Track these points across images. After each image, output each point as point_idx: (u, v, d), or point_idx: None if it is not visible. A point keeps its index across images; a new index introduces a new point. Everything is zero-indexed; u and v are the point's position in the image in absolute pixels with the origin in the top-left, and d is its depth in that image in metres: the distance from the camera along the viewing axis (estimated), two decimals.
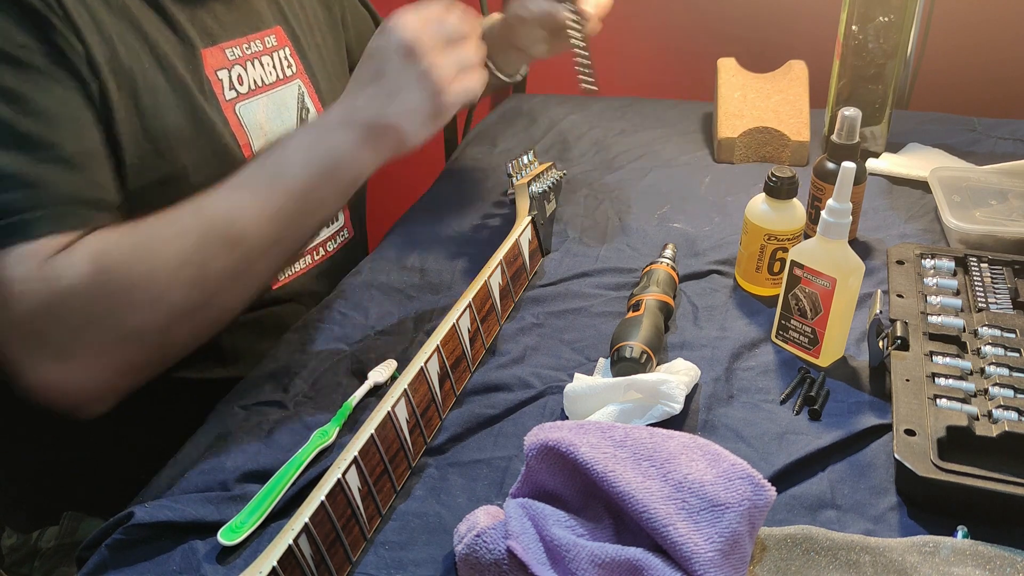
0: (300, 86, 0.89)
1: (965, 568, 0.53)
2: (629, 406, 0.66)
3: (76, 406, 0.64)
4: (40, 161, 0.63)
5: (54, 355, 0.62)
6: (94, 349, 0.62)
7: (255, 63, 0.83)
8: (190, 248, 0.64)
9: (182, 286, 0.63)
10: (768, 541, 0.56)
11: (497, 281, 0.79)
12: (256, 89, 0.83)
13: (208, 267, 0.64)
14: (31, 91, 0.63)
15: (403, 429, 0.62)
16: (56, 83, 0.65)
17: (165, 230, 0.64)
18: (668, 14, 1.55)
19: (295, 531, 0.50)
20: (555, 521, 0.53)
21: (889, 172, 1.08)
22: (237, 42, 0.82)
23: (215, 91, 0.78)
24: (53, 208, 0.62)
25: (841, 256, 0.70)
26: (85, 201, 0.65)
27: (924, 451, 0.60)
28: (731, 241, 0.93)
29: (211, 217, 0.65)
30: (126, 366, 0.64)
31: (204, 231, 0.64)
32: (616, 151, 1.19)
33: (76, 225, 0.63)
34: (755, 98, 1.18)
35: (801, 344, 0.74)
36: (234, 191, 0.66)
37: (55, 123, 0.64)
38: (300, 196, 0.68)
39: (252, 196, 0.66)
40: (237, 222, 0.65)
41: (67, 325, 0.61)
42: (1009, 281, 0.79)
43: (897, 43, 1.04)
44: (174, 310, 0.64)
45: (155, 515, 0.58)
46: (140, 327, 0.63)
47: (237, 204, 0.66)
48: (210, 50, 0.79)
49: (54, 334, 0.61)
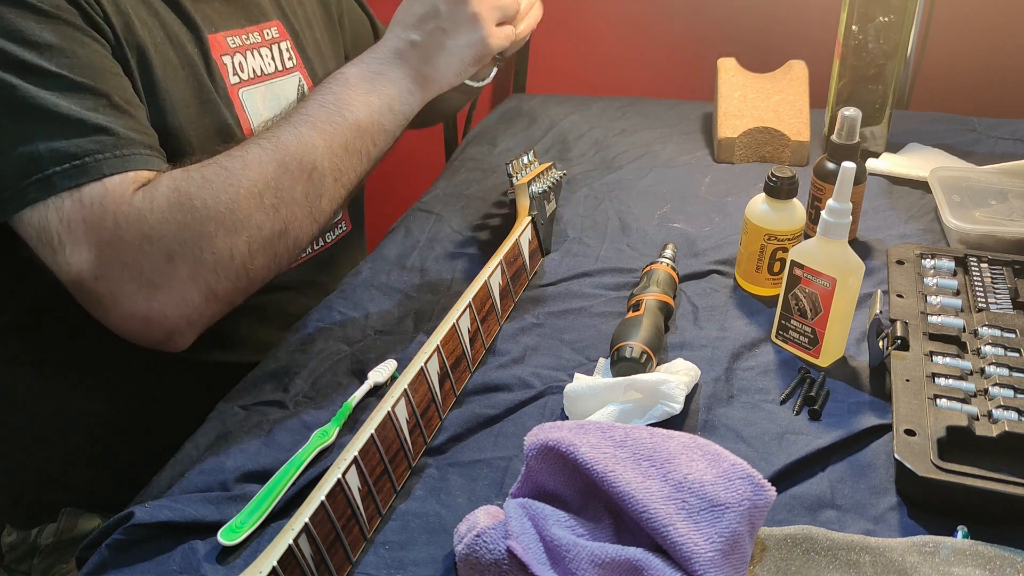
0: (300, 79, 0.91)
1: (965, 568, 0.53)
2: (629, 406, 0.66)
3: (165, 337, 0.67)
4: (96, 108, 0.65)
5: (145, 285, 0.64)
6: (183, 277, 0.65)
7: (255, 53, 0.86)
8: (269, 175, 0.68)
9: (263, 212, 0.67)
10: (768, 541, 0.56)
11: (497, 281, 0.79)
12: (256, 77, 0.85)
13: (285, 194, 0.68)
14: (72, 46, 0.66)
15: (403, 429, 0.62)
16: (92, 40, 0.68)
17: (242, 161, 0.68)
18: (668, 14, 1.55)
19: (295, 531, 0.50)
20: (555, 521, 0.53)
21: (889, 172, 1.08)
22: (237, 32, 0.84)
23: (222, 74, 0.81)
24: (122, 150, 0.65)
25: (841, 256, 0.70)
26: (145, 144, 0.68)
27: (924, 451, 0.60)
28: (731, 241, 0.93)
29: (286, 147, 0.69)
30: (212, 294, 0.67)
31: (281, 159, 0.68)
32: (616, 151, 1.19)
33: (144, 165, 0.66)
34: (755, 98, 1.18)
35: (801, 344, 0.74)
36: (302, 125, 0.71)
37: (101, 74, 0.67)
38: (360, 130, 0.73)
39: (320, 129, 0.71)
40: (310, 152, 0.70)
41: (157, 255, 0.64)
42: (1009, 281, 0.79)
43: (897, 43, 1.04)
44: (256, 236, 0.67)
45: (155, 515, 0.58)
46: (225, 253, 0.66)
47: (308, 136, 0.70)
48: (214, 36, 0.81)
49: (145, 265, 0.64)
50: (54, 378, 0.81)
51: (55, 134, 0.63)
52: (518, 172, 0.93)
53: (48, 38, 0.65)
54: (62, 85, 0.65)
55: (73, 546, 0.83)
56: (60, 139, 0.63)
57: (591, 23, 1.61)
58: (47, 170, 0.63)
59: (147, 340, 0.67)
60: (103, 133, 0.65)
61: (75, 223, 0.63)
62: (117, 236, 0.64)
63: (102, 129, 0.65)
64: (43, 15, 0.65)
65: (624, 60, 1.62)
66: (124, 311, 0.65)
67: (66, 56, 0.65)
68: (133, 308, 0.65)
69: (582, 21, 1.61)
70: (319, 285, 0.91)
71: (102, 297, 0.65)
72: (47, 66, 0.64)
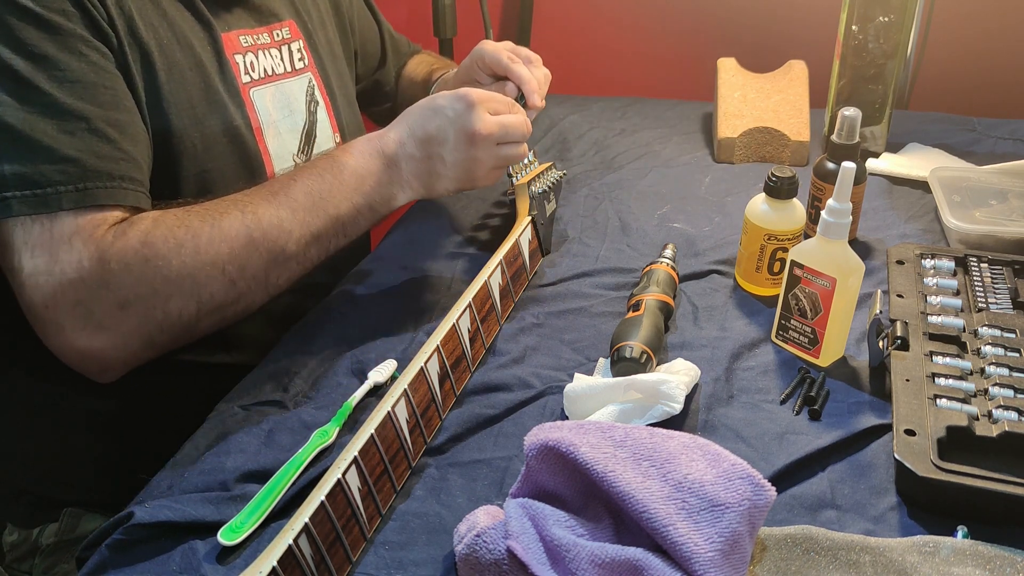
0: (311, 79, 0.91)
1: (965, 568, 0.53)
2: (629, 406, 0.66)
3: (97, 371, 0.69)
4: (73, 133, 0.65)
5: (92, 325, 0.66)
6: (129, 326, 0.67)
7: (266, 53, 0.86)
8: (237, 249, 0.69)
9: (221, 283, 0.69)
10: (768, 541, 0.56)
11: (497, 281, 0.79)
12: (266, 77, 0.85)
13: (247, 270, 0.70)
14: (68, 58, 0.66)
15: (403, 429, 0.62)
16: (92, 50, 0.68)
17: (213, 226, 0.69)
18: (668, 14, 1.55)
19: (295, 531, 0.50)
20: (555, 521, 0.53)
21: (889, 172, 1.08)
22: (249, 31, 0.84)
23: (234, 72, 0.81)
24: (86, 183, 0.65)
25: (841, 256, 0.70)
26: (116, 175, 0.67)
27: (924, 451, 0.60)
28: (731, 241, 0.93)
29: (261, 226, 0.70)
30: (152, 345, 0.69)
31: (252, 237, 0.70)
32: (616, 151, 1.19)
33: (110, 199, 0.67)
34: (755, 98, 1.18)
35: (801, 344, 0.74)
36: (283, 207, 0.72)
37: (90, 91, 0.67)
38: (336, 222, 0.75)
39: (298, 215, 0.73)
40: (282, 237, 0.71)
41: (110, 301, 0.65)
42: (1009, 281, 0.79)
43: (897, 43, 1.04)
44: (208, 303, 0.69)
45: (155, 515, 0.58)
46: (175, 314, 0.68)
47: (286, 221, 0.72)
48: (227, 34, 0.82)
49: (96, 308, 0.65)
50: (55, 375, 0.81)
51: (23, 158, 0.64)
52: (518, 172, 0.93)
53: (46, 49, 0.65)
54: (46, 104, 0.65)
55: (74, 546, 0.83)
56: (27, 164, 0.64)
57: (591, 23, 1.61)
58: (6, 192, 0.63)
59: (78, 368, 0.69)
60: (70, 164, 0.65)
61: (39, 251, 0.64)
62: (78, 276, 0.65)
63: (70, 160, 0.65)
64: (44, 24, 0.65)
65: (624, 60, 1.62)
66: (64, 342, 0.66)
67: (60, 69, 0.65)
68: (74, 342, 0.66)
69: (582, 21, 1.61)
70: (324, 288, 0.91)
71: (47, 324, 0.66)
72: (37, 83, 0.65)
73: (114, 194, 0.67)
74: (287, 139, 0.87)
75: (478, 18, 1.48)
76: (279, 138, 0.86)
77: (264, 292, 0.73)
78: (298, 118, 0.88)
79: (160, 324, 0.67)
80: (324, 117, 0.93)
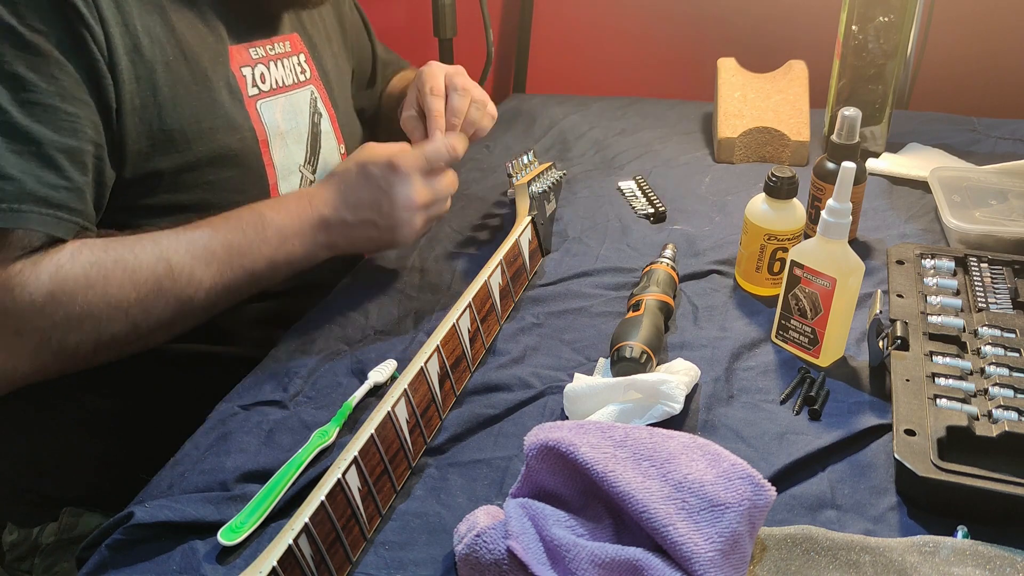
0: (313, 91, 0.91)
1: (965, 568, 0.53)
2: (629, 406, 0.66)
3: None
4: (21, 155, 0.65)
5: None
6: (23, 352, 0.66)
7: (276, 64, 0.86)
8: (144, 293, 0.69)
9: (123, 323, 0.68)
10: (768, 541, 0.56)
11: (497, 281, 0.79)
12: (276, 89, 0.86)
13: (151, 313, 0.70)
14: (37, 79, 0.65)
15: (403, 429, 0.62)
16: (65, 75, 0.67)
17: (125, 269, 0.68)
18: (668, 14, 1.55)
19: (295, 531, 0.50)
20: (555, 521, 0.53)
21: (889, 172, 1.08)
22: (260, 43, 0.85)
23: (240, 87, 0.81)
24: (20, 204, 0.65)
25: (841, 256, 0.70)
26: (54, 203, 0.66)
27: (924, 451, 0.60)
28: (731, 241, 0.93)
29: (172, 273, 0.70)
30: (42, 371, 0.68)
31: (161, 284, 0.70)
32: (616, 151, 1.19)
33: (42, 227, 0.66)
34: (755, 98, 1.18)
35: (801, 344, 0.74)
36: (199, 258, 0.72)
37: (50, 115, 0.66)
38: (252, 277, 0.75)
39: (213, 269, 0.72)
40: (192, 286, 0.71)
41: (8, 327, 0.65)
42: (1009, 281, 0.79)
43: (897, 43, 1.05)
44: (107, 340, 0.68)
45: (155, 515, 0.58)
46: (71, 347, 0.67)
47: (199, 272, 0.71)
48: (236, 47, 0.82)
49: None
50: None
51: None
52: (518, 172, 0.93)
53: (17, 68, 0.64)
54: (1, 121, 0.64)
55: (74, 545, 0.83)
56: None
57: (591, 23, 1.61)
58: None
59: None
60: (9, 182, 0.64)
61: None
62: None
63: (10, 179, 0.64)
64: (22, 43, 0.65)
65: (624, 60, 1.62)
66: None
67: (26, 90, 0.65)
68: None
69: (582, 21, 1.61)
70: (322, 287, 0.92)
71: None
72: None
73: (45, 221, 0.66)
74: (294, 150, 0.87)
75: (478, 18, 1.48)
76: (285, 150, 0.86)
77: (166, 335, 0.73)
78: (303, 130, 0.89)
79: (55, 354, 0.67)
80: (329, 128, 0.93)
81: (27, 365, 0.67)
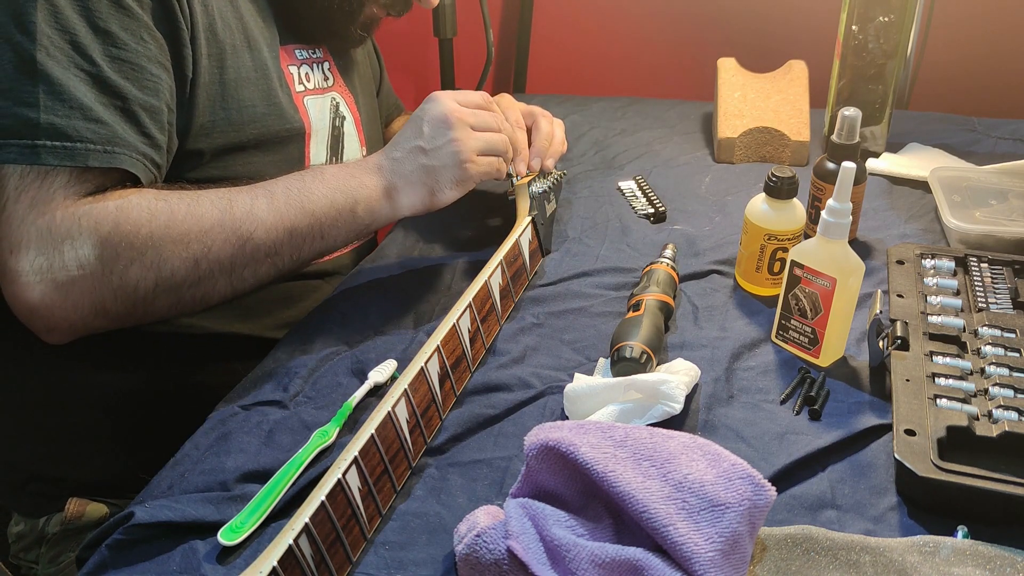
0: (335, 96, 0.95)
1: (965, 568, 0.53)
2: (629, 406, 0.66)
3: (43, 329, 0.69)
4: (108, 108, 0.68)
5: (46, 280, 0.66)
6: (83, 288, 0.67)
7: (314, 67, 0.91)
8: (205, 227, 0.70)
9: (183, 261, 0.69)
10: (768, 541, 0.56)
11: (497, 281, 0.79)
12: (311, 90, 0.90)
13: (212, 251, 0.70)
14: (128, 39, 0.69)
15: (403, 429, 0.62)
16: (153, 39, 0.71)
17: (188, 205, 0.70)
18: (668, 14, 1.55)
19: (295, 531, 0.50)
20: (555, 521, 0.53)
21: (889, 172, 1.08)
22: (303, 47, 0.91)
23: (288, 82, 0.86)
24: (114, 146, 0.68)
25: (841, 256, 0.70)
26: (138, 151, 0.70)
27: (924, 451, 0.60)
28: (731, 241, 0.93)
29: (232, 210, 0.71)
30: (103, 312, 0.69)
31: (220, 219, 0.71)
32: (616, 151, 1.19)
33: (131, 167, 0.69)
34: (755, 98, 1.18)
35: (801, 344, 0.74)
36: (259, 195, 0.73)
37: (136, 74, 0.70)
38: (313, 219, 0.75)
39: (273, 204, 0.73)
40: (252, 223, 0.72)
41: (70, 259, 0.66)
42: (1009, 281, 0.79)
43: (897, 43, 1.05)
44: (167, 279, 0.69)
45: (155, 515, 0.58)
46: (131, 283, 0.68)
47: (259, 208, 0.73)
48: (285, 47, 0.88)
49: (56, 262, 0.66)
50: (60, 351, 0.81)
51: (59, 111, 0.66)
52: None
53: (111, 25, 0.68)
54: (92, 74, 0.67)
55: (80, 535, 0.83)
56: (62, 117, 0.66)
57: (591, 23, 1.61)
58: (38, 140, 0.65)
59: (26, 323, 0.69)
60: (103, 126, 0.67)
61: (24, 198, 0.65)
62: (47, 227, 0.66)
63: (102, 122, 0.67)
64: (117, 3, 0.68)
65: (624, 60, 1.62)
66: (17, 292, 0.67)
67: (116, 47, 0.68)
68: (27, 295, 0.66)
69: (582, 21, 1.61)
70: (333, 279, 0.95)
71: (5, 272, 0.67)
72: (91, 52, 0.67)
73: (136, 164, 0.69)
74: (321, 149, 0.91)
75: (478, 18, 1.48)
76: (319, 146, 0.90)
77: (228, 281, 0.73)
78: (326, 131, 0.93)
79: (115, 291, 0.68)
80: (352, 130, 0.97)
81: (88, 305, 0.67)
